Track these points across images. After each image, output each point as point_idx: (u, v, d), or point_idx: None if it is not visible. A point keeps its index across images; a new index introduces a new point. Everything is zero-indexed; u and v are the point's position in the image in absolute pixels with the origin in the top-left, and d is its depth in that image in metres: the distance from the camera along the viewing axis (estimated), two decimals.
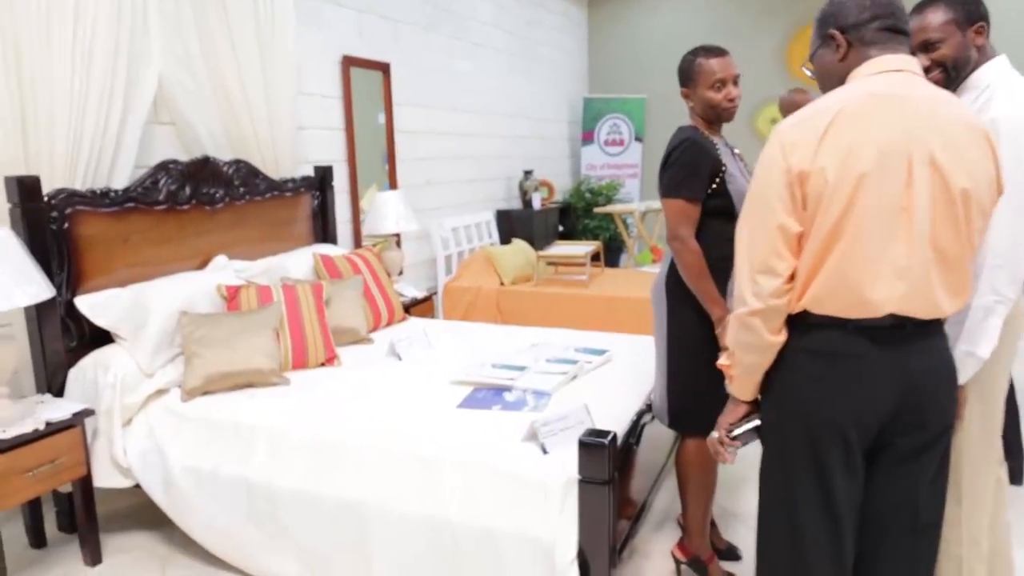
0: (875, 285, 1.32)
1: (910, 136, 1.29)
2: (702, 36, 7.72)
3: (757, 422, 1.52)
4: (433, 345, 3.00)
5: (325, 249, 3.46)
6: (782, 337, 1.39)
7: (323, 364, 2.80)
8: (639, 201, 7.41)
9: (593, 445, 1.70)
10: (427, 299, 4.03)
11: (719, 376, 2.09)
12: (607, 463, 1.71)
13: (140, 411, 2.45)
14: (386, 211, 3.82)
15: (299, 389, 2.54)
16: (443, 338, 3.13)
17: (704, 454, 2.19)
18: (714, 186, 2.07)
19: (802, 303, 1.38)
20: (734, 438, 1.54)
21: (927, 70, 1.74)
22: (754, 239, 1.39)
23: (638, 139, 7.64)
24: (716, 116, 2.12)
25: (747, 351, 1.44)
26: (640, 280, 4.98)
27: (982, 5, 1.71)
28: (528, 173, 6.20)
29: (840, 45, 1.44)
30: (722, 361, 1.54)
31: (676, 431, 2.27)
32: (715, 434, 1.59)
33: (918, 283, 1.32)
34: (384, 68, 4.45)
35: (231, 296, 2.77)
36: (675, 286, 2.17)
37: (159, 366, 2.53)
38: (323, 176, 3.69)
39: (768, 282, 1.37)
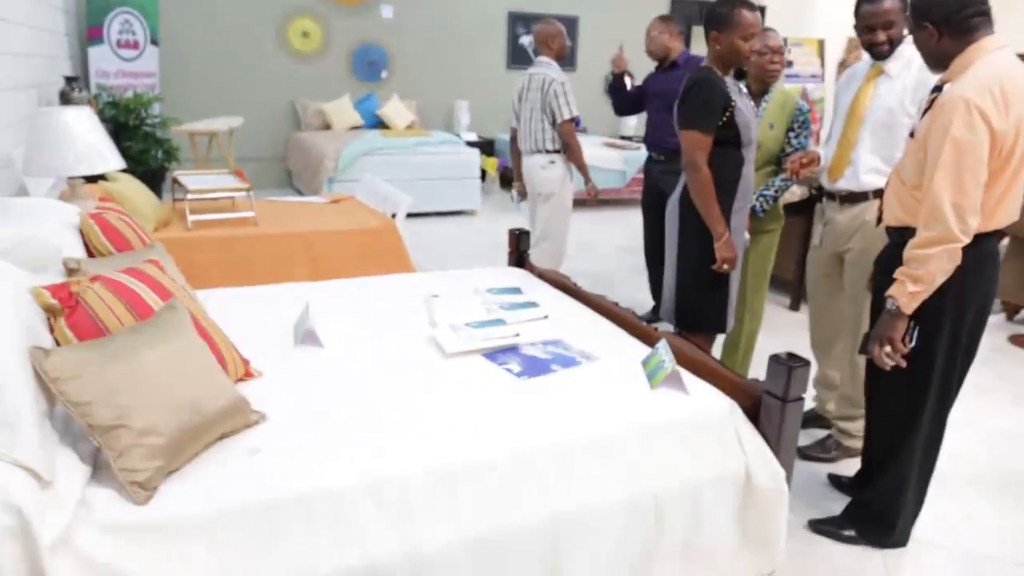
0: (1019, 204, 1.88)
1: None
2: None
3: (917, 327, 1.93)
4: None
5: (80, 205, 2.09)
6: None
7: (241, 379, 1.85)
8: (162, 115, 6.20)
9: (796, 367, 1.79)
10: None
11: (722, 281, 2.40)
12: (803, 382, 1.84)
13: (65, 556, 1.24)
14: (72, 140, 2.46)
15: (287, 422, 1.67)
16: (295, 308, 2.36)
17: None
18: (724, 119, 2.26)
19: (990, 224, 1.84)
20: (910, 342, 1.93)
21: (881, 44, 2.31)
22: (963, 189, 1.75)
23: (154, 42, 6.31)
24: (737, 61, 2.28)
25: (944, 274, 1.82)
26: (299, 211, 4.43)
27: None
28: (72, 80, 4.56)
29: (933, 35, 1.83)
30: (912, 289, 1.84)
31: (681, 328, 2.48)
32: (886, 348, 1.92)
33: None
34: None
35: (67, 304, 1.54)
36: (688, 203, 2.38)
37: (63, 465, 1.30)
38: None
39: (975, 221, 1.78)
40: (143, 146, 5.60)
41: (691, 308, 2.47)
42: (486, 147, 7.80)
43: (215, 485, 1.44)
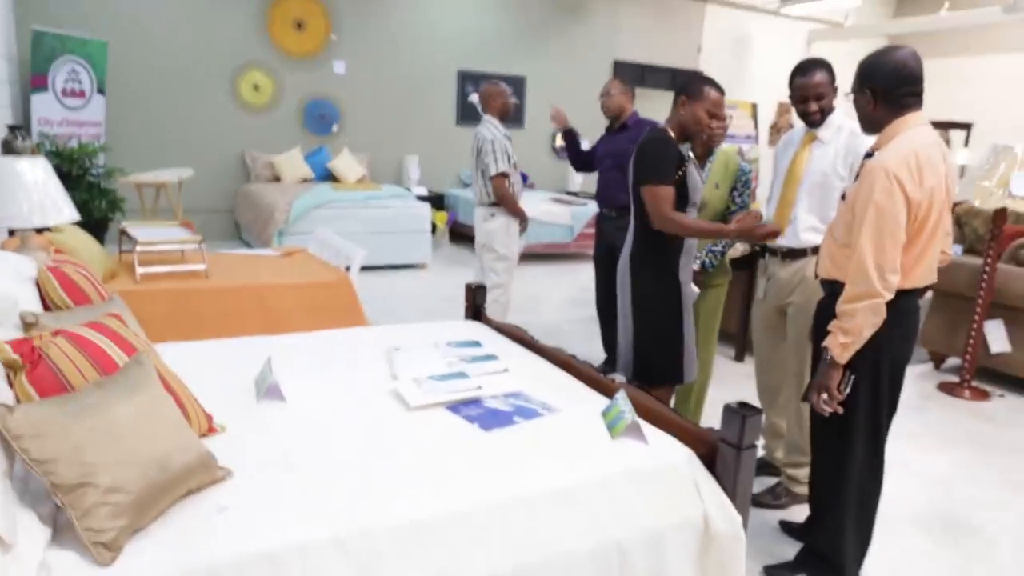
0: (935, 265, 2.05)
1: (946, 169, 2.02)
2: None
3: (852, 376, 2.06)
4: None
5: (34, 257, 2.05)
6: None
7: (204, 435, 1.82)
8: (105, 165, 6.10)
9: (749, 416, 1.88)
10: None
11: (676, 334, 2.49)
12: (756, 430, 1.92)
13: None
14: (28, 191, 2.43)
15: (253, 478, 1.65)
16: (254, 361, 2.34)
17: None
18: (677, 177, 2.39)
19: (908, 283, 2.01)
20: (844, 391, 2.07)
21: (813, 113, 2.51)
22: (883, 249, 1.93)
23: (101, 92, 6.26)
24: (696, 129, 2.42)
25: (871, 327, 1.99)
26: (251, 263, 4.40)
27: None
28: (16, 129, 4.47)
29: (870, 102, 2.03)
30: (843, 340, 1.99)
31: (638, 382, 2.54)
32: (823, 396, 2.06)
33: None
34: None
35: (29, 359, 1.52)
36: (639, 258, 2.49)
37: (24, 527, 1.27)
38: None
39: (895, 278, 1.95)
40: (86, 196, 5.48)
41: (648, 362, 2.55)
42: (436, 201, 7.91)
43: (181, 543, 1.41)
